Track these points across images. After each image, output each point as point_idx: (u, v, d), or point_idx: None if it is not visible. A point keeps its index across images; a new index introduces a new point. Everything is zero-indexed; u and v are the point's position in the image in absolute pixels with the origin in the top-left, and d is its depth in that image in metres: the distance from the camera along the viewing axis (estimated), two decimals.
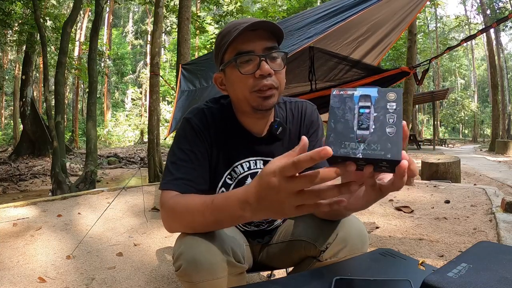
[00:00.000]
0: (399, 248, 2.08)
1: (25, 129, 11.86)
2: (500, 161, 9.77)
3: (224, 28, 0.83)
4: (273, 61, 0.79)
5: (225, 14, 13.70)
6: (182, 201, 0.72)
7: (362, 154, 0.43)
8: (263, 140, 0.90)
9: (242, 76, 0.78)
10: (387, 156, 0.42)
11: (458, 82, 37.70)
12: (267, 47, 0.78)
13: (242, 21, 0.79)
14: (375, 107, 0.45)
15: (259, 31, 0.78)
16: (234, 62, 0.78)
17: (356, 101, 0.46)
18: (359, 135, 0.44)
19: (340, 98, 0.47)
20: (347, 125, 0.45)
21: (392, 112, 0.44)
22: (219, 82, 0.88)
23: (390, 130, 0.43)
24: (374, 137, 0.43)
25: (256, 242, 1.03)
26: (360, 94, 0.46)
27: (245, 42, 0.77)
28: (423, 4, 3.38)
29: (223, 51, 0.80)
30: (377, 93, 0.46)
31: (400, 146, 0.42)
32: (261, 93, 0.79)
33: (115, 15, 30.80)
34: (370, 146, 0.43)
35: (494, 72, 15.73)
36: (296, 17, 3.09)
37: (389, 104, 0.44)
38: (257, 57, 0.77)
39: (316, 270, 0.76)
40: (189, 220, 0.69)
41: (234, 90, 0.82)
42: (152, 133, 6.23)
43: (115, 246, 2.29)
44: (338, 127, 0.45)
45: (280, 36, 0.81)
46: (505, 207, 2.64)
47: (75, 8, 6.67)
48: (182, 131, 0.85)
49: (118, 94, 31.45)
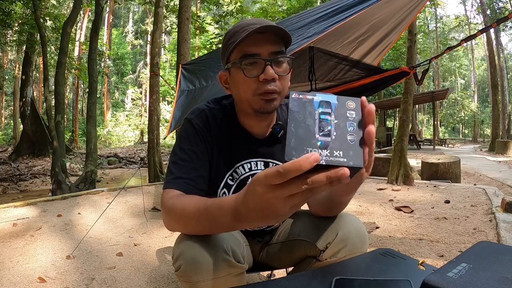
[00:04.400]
0: (399, 248, 2.08)
1: (25, 129, 11.85)
2: (500, 161, 9.77)
3: (233, 28, 0.82)
4: (278, 65, 0.79)
5: (225, 14, 13.68)
6: (179, 204, 0.70)
7: (325, 161, 0.42)
8: (264, 141, 0.91)
9: (246, 79, 0.78)
10: (350, 163, 0.42)
11: (458, 82, 37.71)
12: (273, 51, 0.78)
13: (250, 21, 0.79)
14: (335, 114, 0.45)
15: (267, 34, 0.77)
16: (239, 64, 0.78)
17: (316, 106, 0.46)
18: (321, 141, 0.43)
19: (299, 102, 0.46)
20: (309, 130, 0.44)
21: (352, 120, 0.45)
22: (224, 80, 0.88)
23: (350, 138, 0.43)
24: (336, 144, 0.43)
25: (256, 241, 1.03)
26: (320, 99, 0.46)
27: (252, 44, 0.77)
28: (423, 4, 3.38)
29: (230, 51, 0.80)
30: (337, 101, 0.46)
31: (361, 153, 0.43)
32: (263, 96, 0.79)
33: (115, 15, 30.80)
34: (332, 153, 0.42)
35: (494, 72, 15.74)
36: (296, 17, 3.08)
37: (349, 112, 0.45)
38: (262, 61, 0.77)
39: (316, 270, 0.76)
40: (185, 223, 0.69)
41: (237, 90, 0.83)
42: (152, 133, 6.23)
43: (115, 246, 2.29)
44: (299, 132, 0.44)
45: (288, 40, 0.81)
46: (505, 207, 2.64)
47: (75, 8, 6.66)
48: (183, 131, 0.85)
49: (118, 94, 31.46)
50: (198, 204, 0.65)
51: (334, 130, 0.44)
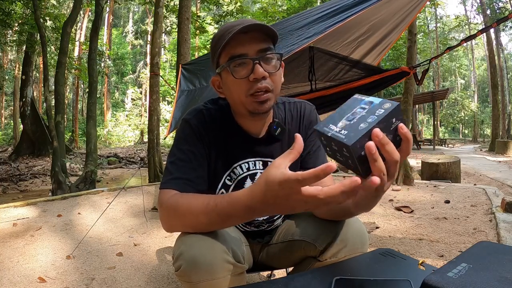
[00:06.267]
0: (399, 248, 2.08)
1: (25, 129, 11.86)
2: (500, 161, 9.77)
3: (218, 32, 0.82)
4: (267, 63, 0.78)
5: (225, 14, 13.67)
6: (184, 201, 0.71)
7: (331, 134, 0.50)
8: (262, 140, 0.90)
9: (236, 80, 0.77)
10: (344, 140, 0.47)
11: (458, 82, 37.69)
12: (260, 49, 0.77)
13: (234, 23, 0.78)
14: (368, 110, 0.51)
15: (251, 33, 0.77)
16: (228, 67, 0.78)
17: (360, 103, 0.53)
18: (341, 123, 0.51)
19: (354, 99, 0.55)
20: (340, 115, 0.53)
21: (376, 115, 0.49)
22: (217, 85, 0.87)
23: (362, 125, 0.48)
24: (348, 127, 0.50)
25: (256, 242, 1.03)
26: (368, 99, 0.53)
27: (238, 45, 0.76)
28: (423, 4, 3.38)
29: (218, 55, 0.80)
30: (379, 102, 0.51)
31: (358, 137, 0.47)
32: (256, 98, 0.78)
33: (115, 15, 30.79)
34: (341, 131, 0.50)
35: (494, 72, 15.74)
36: (296, 17, 3.08)
37: (379, 110, 0.50)
38: (250, 60, 0.76)
39: (316, 270, 0.76)
40: (192, 220, 0.69)
41: (230, 93, 0.82)
42: (152, 133, 6.23)
43: (115, 246, 2.29)
44: (334, 115, 0.53)
45: (274, 36, 0.80)
46: (505, 207, 2.64)
47: (75, 8, 6.66)
48: (181, 132, 0.85)
49: (118, 94, 31.44)
50: (207, 200, 0.68)
51: (357, 119, 0.50)
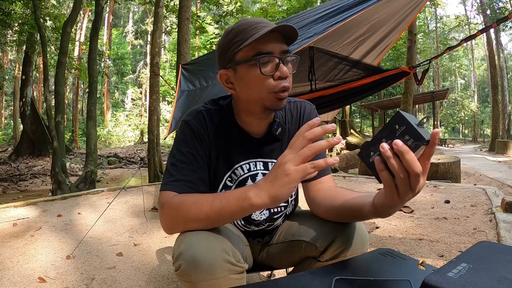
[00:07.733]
0: (399, 248, 2.08)
1: (25, 129, 11.85)
2: (500, 161, 9.77)
3: (237, 26, 0.81)
4: (287, 64, 0.80)
5: (225, 14, 13.68)
6: (189, 198, 0.74)
7: None
8: (262, 141, 0.90)
9: (262, 76, 0.78)
10: None
11: (458, 82, 37.70)
12: (283, 50, 0.79)
13: (255, 20, 0.80)
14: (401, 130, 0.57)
15: (276, 33, 0.79)
16: (256, 62, 0.77)
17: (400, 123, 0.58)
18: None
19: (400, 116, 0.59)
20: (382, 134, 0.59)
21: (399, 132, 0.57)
22: (225, 79, 0.85)
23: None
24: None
25: (256, 242, 1.03)
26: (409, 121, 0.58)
27: (267, 43, 0.77)
28: (423, 4, 3.38)
29: (237, 49, 0.78)
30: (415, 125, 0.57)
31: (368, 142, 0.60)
32: (278, 95, 0.79)
33: (115, 15, 30.80)
34: None
35: (494, 72, 15.73)
36: (296, 17, 3.09)
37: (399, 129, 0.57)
38: (276, 59, 0.78)
39: (316, 270, 0.76)
40: (195, 211, 0.71)
41: (248, 89, 0.81)
42: (152, 133, 6.23)
43: (115, 246, 2.29)
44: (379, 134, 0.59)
45: (290, 41, 0.82)
46: (505, 207, 2.64)
47: (75, 8, 6.66)
48: (181, 133, 0.85)
49: (118, 94, 31.44)
50: (212, 196, 0.72)
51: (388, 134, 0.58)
